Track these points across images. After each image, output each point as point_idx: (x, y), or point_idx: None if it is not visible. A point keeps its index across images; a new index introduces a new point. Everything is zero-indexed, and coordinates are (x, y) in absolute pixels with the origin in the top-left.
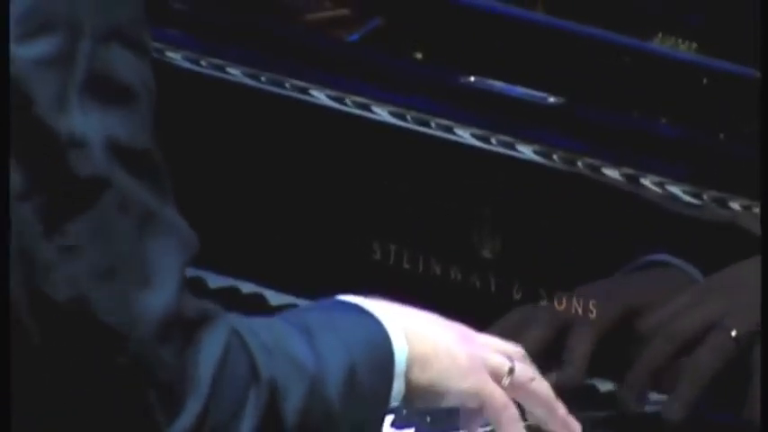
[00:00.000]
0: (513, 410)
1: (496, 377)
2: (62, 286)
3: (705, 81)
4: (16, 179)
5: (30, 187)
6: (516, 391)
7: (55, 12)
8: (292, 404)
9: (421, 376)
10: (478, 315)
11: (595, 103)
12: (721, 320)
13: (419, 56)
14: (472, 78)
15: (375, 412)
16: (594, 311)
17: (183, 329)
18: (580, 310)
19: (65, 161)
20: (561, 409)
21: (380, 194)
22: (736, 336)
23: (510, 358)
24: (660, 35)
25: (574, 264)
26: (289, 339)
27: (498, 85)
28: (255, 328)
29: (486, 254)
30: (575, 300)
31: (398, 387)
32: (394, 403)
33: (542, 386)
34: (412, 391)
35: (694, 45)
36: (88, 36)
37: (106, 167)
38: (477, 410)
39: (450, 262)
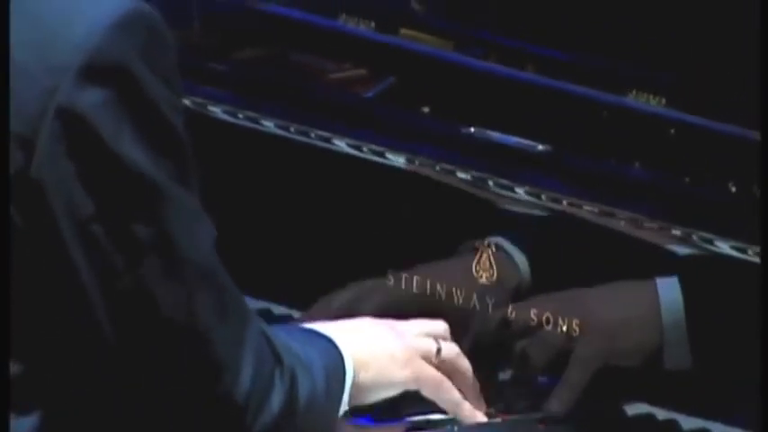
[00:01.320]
0: (447, 383)
1: (428, 359)
2: (128, 281)
3: (672, 131)
4: (87, 203)
5: (100, 210)
6: (446, 366)
7: (108, 61)
8: (304, 390)
9: (365, 376)
10: (478, 333)
11: (578, 151)
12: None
13: (426, 110)
14: (472, 129)
15: (337, 407)
16: (578, 330)
17: (227, 300)
18: (565, 329)
19: (127, 185)
20: (477, 386)
21: (394, 229)
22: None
23: (436, 339)
24: (634, 92)
25: (558, 288)
26: (293, 344)
27: (495, 135)
28: (274, 332)
29: (484, 280)
30: (560, 319)
31: (348, 389)
32: (344, 407)
33: (465, 361)
34: (360, 388)
35: (663, 100)
36: (137, 80)
37: (165, 183)
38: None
39: (453, 287)
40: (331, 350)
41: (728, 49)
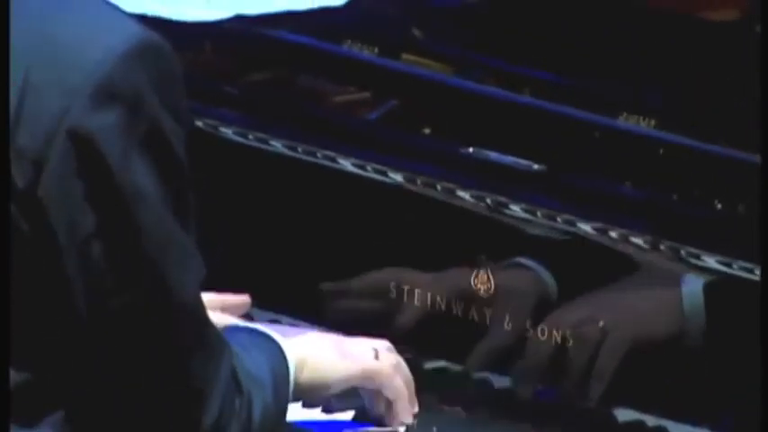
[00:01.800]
0: (392, 382)
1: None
2: (115, 303)
3: (662, 151)
4: (89, 222)
5: (100, 230)
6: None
7: (119, 87)
8: (257, 410)
9: (305, 376)
10: (476, 343)
11: (572, 170)
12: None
13: (427, 131)
14: (471, 149)
15: (285, 408)
16: (571, 341)
17: (205, 341)
18: (559, 340)
19: (127, 206)
20: (407, 397)
21: (395, 245)
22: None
23: (375, 349)
24: (625, 114)
25: (553, 301)
26: (251, 359)
27: (493, 154)
28: (238, 356)
29: (483, 293)
30: (554, 331)
31: (291, 387)
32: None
33: (402, 374)
34: (300, 388)
35: (653, 122)
36: (146, 109)
37: (159, 211)
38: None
39: (453, 300)
40: (275, 352)
41: (712, 77)
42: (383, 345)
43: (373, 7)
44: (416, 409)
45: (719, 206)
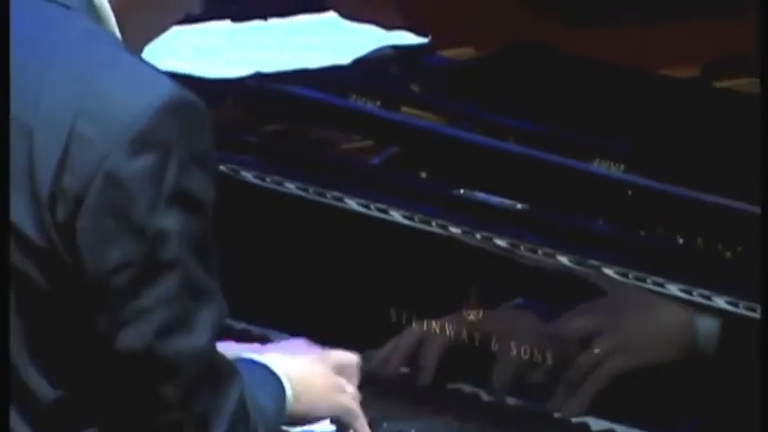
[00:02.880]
0: (360, 415)
1: (342, 392)
2: (134, 336)
3: (630, 193)
4: (116, 255)
5: (124, 263)
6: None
7: (154, 138)
8: None
9: (297, 406)
10: (465, 362)
11: (551, 208)
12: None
13: (423, 174)
14: (462, 191)
15: None
16: (550, 360)
17: (215, 374)
18: (540, 359)
19: (151, 248)
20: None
21: (395, 275)
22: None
23: (345, 368)
24: (598, 160)
25: (531, 323)
26: (256, 391)
27: (481, 195)
28: (248, 383)
29: (472, 317)
30: (535, 350)
31: (286, 417)
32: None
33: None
34: (293, 416)
35: (622, 166)
36: (176, 158)
37: (181, 256)
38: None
39: (445, 323)
40: (276, 385)
41: (675, 128)
42: (354, 360)
43: (376, 66)
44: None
45: (681, 241)
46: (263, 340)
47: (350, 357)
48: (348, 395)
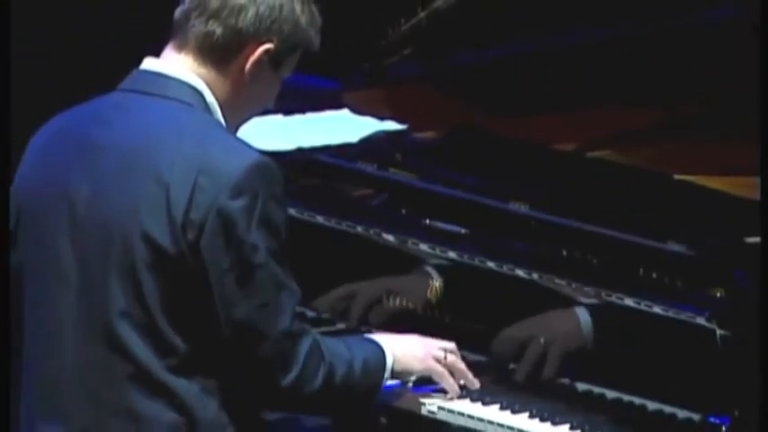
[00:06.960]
0: (448, 376)
1: (438, 360)
2: (239, 313)
3: (533, 223)
4: (226, 261)
5: (230, 267)
6: (450, 368)
7: (246, 186)
8: (339, 374)
9: (397, 367)
10: (436, 330)
11: (484, 232)
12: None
13: (404, 211)
14: (428, 221)
15: (376, 383)
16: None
17: (293, 332)
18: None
19: (248, 256)
20: (476, 383)
21: (388, 274)
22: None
23: (445, 350)
24: (513, 200)
25: (488, 327)
26: (340, 347)
27: (440, 224)
28: (331, 340)
29: (434, 301)
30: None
31: (387, 374)
32: (387, 381)
33: (462, 366)
34: (395, 373)
35: (528, 205)
36: (261, 199)
37: (267, 261)
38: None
39: (417, 303)
40: (376, 350)
41: (564, 181)
42: (452, 345)
43: (374, 142)
44: (477, 385)
45: (594, 261)
46: (329, 323)
47: (448, 343)
48: (439, 364)
